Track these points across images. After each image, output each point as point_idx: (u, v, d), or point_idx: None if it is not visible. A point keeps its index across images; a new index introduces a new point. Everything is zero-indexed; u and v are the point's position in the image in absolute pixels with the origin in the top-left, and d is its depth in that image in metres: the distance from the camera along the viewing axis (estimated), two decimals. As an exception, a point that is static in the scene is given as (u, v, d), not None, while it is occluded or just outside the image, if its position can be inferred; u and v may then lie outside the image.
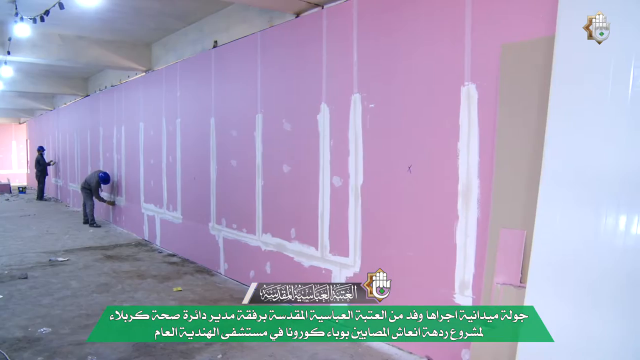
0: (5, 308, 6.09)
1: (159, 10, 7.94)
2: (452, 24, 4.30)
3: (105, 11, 7.90)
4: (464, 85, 4.23)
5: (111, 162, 12.72)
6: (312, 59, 5.79)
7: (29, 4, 7.41)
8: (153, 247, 9.96)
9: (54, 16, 7.15)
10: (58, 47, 9.67)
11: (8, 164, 28.98)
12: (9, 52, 9.17)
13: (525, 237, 3.76)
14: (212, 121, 7.80)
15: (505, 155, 3.94)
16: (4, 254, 9.28)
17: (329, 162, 5.56)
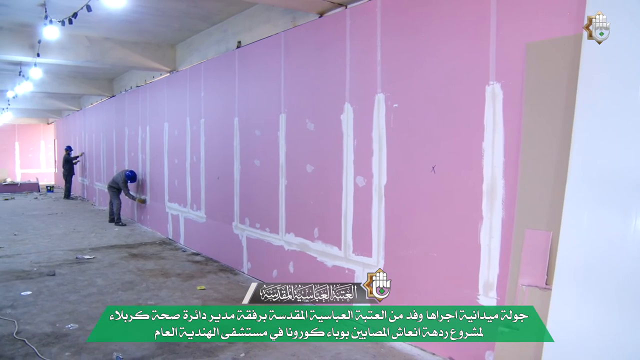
0: (35, 304, 6.21)
1: (184, 11, 8.02)
2: (477, 22, 4.27)
3: (130, 13, 8.01)
4: (489, 84, 4.19)
5: (136, 161, 12.88)
6: (336, 59, 5.79)
7: (58, 7, 7.55)
8: (177, 245, 10.07)
9: (82, 18, 7.27)
10: (85, 49, 9.83)
11: (36, 163, 29.54)
12: (39, 54, 9.38)
13: (551, 238, 3.71)
14: (236, 121, 7.85)
15: (531, 155, 3.89)
16: (33, 251, 9.47)
17: (352, 162, 5.55)
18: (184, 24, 8.86)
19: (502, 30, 4.10)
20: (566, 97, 3.64)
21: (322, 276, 6.01)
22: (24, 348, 4.84)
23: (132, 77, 13.59)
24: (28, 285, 7.03)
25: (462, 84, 4.42)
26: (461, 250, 4.44)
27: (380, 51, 5.20)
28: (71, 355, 4.68)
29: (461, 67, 4.42)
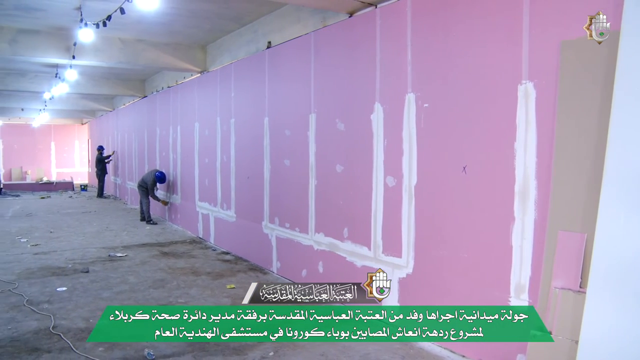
0: (69, 300, 6.35)
1: (214, 12, 8.09)
2: (510, 20, 4.20)
3: (162, 14, 8.13)
4: (521, 83, 4.12)
5: (167, 161, 13.05)
6: (366, 59, 5.78)
7: (92, 10, 7.72)
8: (207, 244, 10.17)
9: (115, 21, 7.41)
10: (118, 51, 10.01)
11: (71, 162, 30.20)
12: (74, 57, 9.60)
13: (586, 240, 3.64)
14: (266, 121, 7.89)
15: (564, 156, 3.82)
16: (67, 248, 9.69)
17: (382, 162, 5.53)
18: (215, 25, 8.94)
19: (535, 28, 4.03)
20: (602, 96, 3.56)
21: (351, 276, 5.99)
22: (60, 342, 4.96)
23: (164, 77, 13.78)
24: (63, 282, 7.20)
25: (493, 83, 4.36)
26: (492, 251, 4.38)
27: (410, 50, 5.17)
28: (104, 350, 4.77)
29: (493, 66, 4.36)
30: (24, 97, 18.80)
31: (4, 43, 9.21)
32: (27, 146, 29.03)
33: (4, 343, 4.97)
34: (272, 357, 4.66)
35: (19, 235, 11.18)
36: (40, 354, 4.68)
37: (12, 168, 28.20)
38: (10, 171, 28.03)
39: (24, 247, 9.84)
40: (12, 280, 7.28)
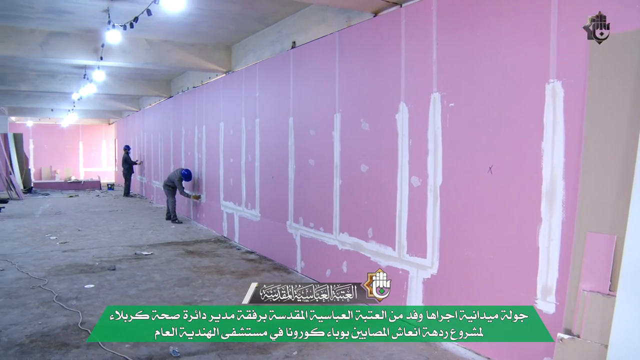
0: (97, 297, 6.46)
1: (239, 12, 8.14)
2: (537, 18, 4.14)
3: (188, 15, 8.21)
4: (549, 82, 4.06)
5: (192, 160, 13.17)
6: (391, 58, 5.75)
7: (120, 12, 7.83)
8: (232, 243, 10.23)
9: (142, 22, 7.52)
10: (145, 52, 10.14)
11: (98, 162, 30.70)
12: (102, 58, 9.78)
13: (615, 242, 3.56)
14: (291, 121, 7.91)
15: (593, 156, 3.75)
16: (95, 246, 9.84)
17: (407, 162, 5.50)
18: (240, 26, 9.00)
19: (563, 26, 3.97)
20: (633, 94, 3.49)
21: (376, 276, 5.98)
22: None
23: (189, 78, 13.91)
24: (91, 279, 7.32)
25: (520, 82, 4.31)
26: (518, 252, 4.33)
27: (436, 50, 5.13)
28: (130, 347, 4.83)
29: (520, 65, 4.31)
30: (54, 97, 19.21)
31: (35, 45, 9.42)
32: (57, 146, 29.61)
33: (35, 337, 5.08)
34: (296, 357, 4.67)
35: (48, 233, 11.40)
36: (69, 349, 4.77)
37: (42, 167, 28.80)
38: (41, 170, 28.63)
39: (54, 244, 10.04)
40: (42, 276, 7.43)
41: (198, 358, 4.60)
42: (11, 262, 8.39)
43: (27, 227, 12.30)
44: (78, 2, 7.66)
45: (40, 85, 15.17)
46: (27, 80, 14.95)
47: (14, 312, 5.88)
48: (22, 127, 28.32)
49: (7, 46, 9.28)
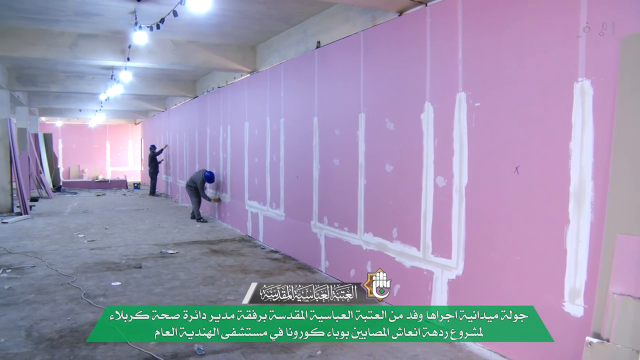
0: (123, 294, 6.55)
1: (264, 13, 8.18)
2: (566, 15, 4.07)
3: (213, 16, 8.27)
4: (578, 81, 3.99)
5: (217, 160, 13.27)
6: (416, 58, 5.72)
7: (146, 13, 7.94)
8: (256, 243, 10.28)
9: (168, 23, 7.60)
10: (171, 52, 10.26)
11: (124, 161, 31.16)
12: (129, 59, 9.93)
13: (647, 244, 3.49)
14: (315, 120, 7.92)
15: (623, 156, 3.67)
16: (121, 244, 9.99)
17: (432, 162, 5.46)
18: (265, 26, 9.04)
19: (593, 23, 3.89)
20: (666, 93, 3.41)
21: (400, 277, 5.95)
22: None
23: (214, 78, 14.03)
24: (117, 277, 7.42)
25: (548, 81, 4.24)
26: (545, 254, 4.26)
27: (461, 49, 5.08)
28: (156, 344, 4.88)
29: (547, 64, 4.24)
30: (82, 98, 19.59)
31: (65, 47, 9.61)
32: (84, 145, 30.16)
33: (64, 333, 5.19)
34: (320, 356, 4.67)
35: (76, 231, 11.61)
36: (96, 345, 4.84)
37: (70, 166, 29.35)
38: (69, 169, 29.17)
39: (81, 242, 10.21)
40: (71, 273, 7.56)
41: (222, 356, 4.63)
42: (41, 259, 8.56)
43: (56, 225, 12.54)
44: (106, 4, 7.78)
45: (69, 86, 15.48)
46: (57, 82, 15.27)
47: (44, 307, 6.00)
48: (52, 127, 28.93)
49: (38, 48, 9.49)
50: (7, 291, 6.68)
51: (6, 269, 7.89)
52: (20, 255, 8.93)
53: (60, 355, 4.63)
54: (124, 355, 4.63)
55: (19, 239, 10.57)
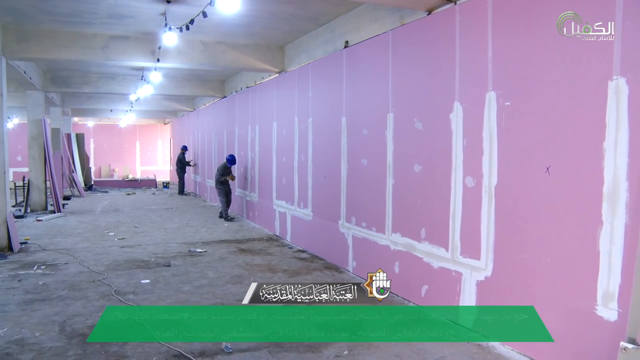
0: (152, 292, 6.64)
1: (292, 13, 8.20)
2: (600, 12, 3.98)
3: (242, 17, 8.33)
4: (612, 79, 3.90)
5: (245, 160, 13.36)
6: (445, 57, 5.66)
7: (176, 14, 8.04)
8: (284, 242, 10.32)
9: (197, 24, 7.68)
10: (200, 53, 10.37)
11: (154, 160, 31.60)
12: (159, 60, 10.06)
13: (685, 247, 3.39)
14: (343, 120, 7.91)
15: (660, 156, 3.58)
16: (151, 242, 10.12)
17: (461, 162, 5.41)
18: (293, 26, 9.06)
19: (629, 19, 3.80)
20: None
21: (428, 277, 5.91)
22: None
23: (243, 78, 14.12)
24: (147, 274, 7.53)
25: (581, 79, 4.15)
26: (577, 256, 4.18)
27: (491, 47, 5.02)
28: (184, 342, 4.93)
29: (580, 62, 4.16)
30: (113, 99, 19.94)
31: (97, 49, 9.80)
32: (115, 145, 30.69)
33: (95, 329, 5.28)
34: (347, 356, 4.66)
35: (107, 229, 11.82)
36: (126, 342, 4.91)
37: (101, 166, 29.89)
38: (100, 169, 29.72)
39: (112, 240, 10.39)
40: (102, 271, 7.70)
41: (250, 355, 4.65)
42: (74, 256, 8.74)
43: (88, 223, 12.78)
44: (137, 6, 7.91)
45: (101, 87, 15.78)
46: (89, 83, 15.57)
47: (77, 304, 6.12)
48: (84, 127, 29.50)
49: (72, 50, 9.70)
50: (42, 287, 6.84)
51: (41, 265, 8.09)
52: (54, 252, 9.14)
53: (92, 351, 4.72)
54: (153, 351, 4.69)
55: (53, 236, 10.81)
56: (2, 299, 6.31)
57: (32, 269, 7.83)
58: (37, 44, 9.51)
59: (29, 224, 12.64)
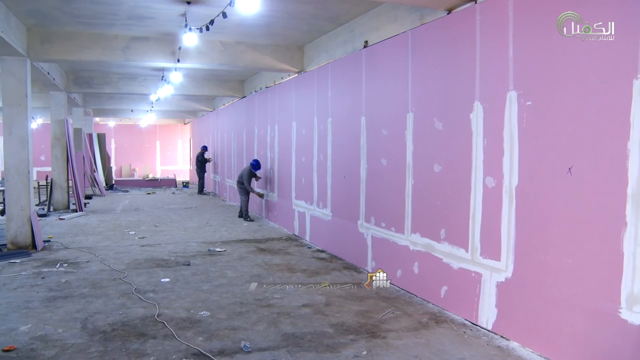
0: (172, 290, 6.69)
1: (311, 13, 8.21)
2: (622, 9, 3.92)
3: (261, 17, 8.36)
4: (637, 77, 3.83)
5: (265, 159, 13.40)
6: (465, 56, 5.62)
7: (196, 15, 8.10)
8: (302, 242, 10.33)
9: (217, 25, 7.73)
10: (219, 53, 10.43)
11: (174, 160, 31.87)
12: (179, 60, 10.14)
13: None
14: (363, 120, 7.89)
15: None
16: (170, 241, 10.21)
17: (481, 162, 5.36)
18: (312, 26, 9.07)
19: (654, 19, 3.73)
20: None
21: (447, 278, 5.87)
22: (164, 330, 5.23)
23: (262, 78, 14.17)
24: (167, 273, 7.59)
25: (603, 79, 4.09)
26: (600, 258, 4.11)
27: (512, 47, 4.96)
28: (204, 340, 4.96)
29: (603, 60, 4.09)
30: (134, 99, 20.17)
31: (118, 50, 9.92)
32: (135, 145, 31.02)
33: (117, 326, 5.34)
34: (365, 356, 4.65)
35: (128, 228, 11.95)
36: (146, 339, 4.96)
37: (122, 165, 30.22)
38: (121, 168, 30.05)
39: (132, 239, 10.50)
40: (122, 269, 7.79)
41: (269, 354, 4.66)
42: (95, 254, 8.86)
43: (109, 222, 12.94)
44: (158, 7, 7.98)
45: (122, 88, 15.97)
46: (111, 83, 15.76)
47: (98, 301, 6.20)
48: (105, 127, 29.87)
49: (94, 52, 9.84)
50: (64, 284, 6.94)
51: (63, 263, 8.21)
52: (76, 250, 9.26)
53: (113, 348, 4.77)
54: (173, 350, 4.73)
55: (75, 235, 10.96)
56: (27, 296, 6.42)
57: (55, 267, 7.95)
58: (60, 45, 9.65)
59: (51, 222, 12.84)
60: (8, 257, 8.59)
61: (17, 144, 9.30)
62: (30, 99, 9.52)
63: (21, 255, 8.75)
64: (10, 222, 9.34)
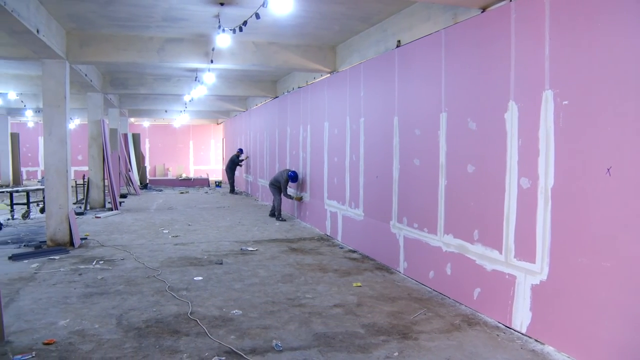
0: (205, 289, 6.77)
1: (344, 13, 8.20)
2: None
3: (294, 17, 8.39)
4: (681, 77, 3.72)
5: (297, 159, 13.45)
6: (499, 55, 5.54)
7: (229, 16, 8.18)
8: (334, 242, 10.33)
9: (250, 25, 7.79)
10: (252, 54, 10.51)
11: (206, 160, 32.26)
12: (212, 61, 10.26)
13: None
14: (395, 120, 7.85)
15: None
16: (203, 240, 10.33)
17: (516, 163, 5.27)
18: (344, 26, 9.06)
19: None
20: None
21: (481, 280, 5.79)
22: (197, 327, 5.30)
23: (294, 78, 14.23)
24: (199, 272, 7.68)
25: (646, 78, 3.97)
26: (639, 261, 3.99)
27: (548, 45, 4.87)
28: (236, 338, 5.01)
29: (646, 59, 3.98)
30: (168, 99, 20.50)
31: (153, 52, 10.09)
32: (169, 145, 31.52)
33: (150, 323, 5.43)
34: (397, 357, 4.62)
35: (161, 226, 12.14)
36: (179, 337, 5.03)
37: (156, 165, 30.72)
38: (155, 168, 30.55)
39: (166, 238, 10.66)
40: (156, 267, 7.92)
41: (300, 353, 4.67)
42: (130, 252, 9.03)
43: (143, 220, 13.17)
44: (191, 9, 8.08)
45: (156, 88, 16.22)
46: (146, 84, 16.04)
47: (133, 298, 6.32)
48: (140, 127, 30.42)
49: (129, 53, 10.03)
50: (100, 281, 7.10)
51: (99, 260, 8.39)
52: (111, 248, 9.46)
53: (147, 344, 4.85)
54: (205, 347, 4.78)
55: (110, 233, 11.19)
56: (65, 292, 6.59)
57: (92, 264, 8.13)
58: (97, 47, 9.88)
59: (88, 220, 13.14)
60: (48, 254, 8.85)
61: (56, 143, 9.56)
62: (68, 100, 9.76)
63: (60, 252, 8.99)
64: (49, 220, 9.60)
